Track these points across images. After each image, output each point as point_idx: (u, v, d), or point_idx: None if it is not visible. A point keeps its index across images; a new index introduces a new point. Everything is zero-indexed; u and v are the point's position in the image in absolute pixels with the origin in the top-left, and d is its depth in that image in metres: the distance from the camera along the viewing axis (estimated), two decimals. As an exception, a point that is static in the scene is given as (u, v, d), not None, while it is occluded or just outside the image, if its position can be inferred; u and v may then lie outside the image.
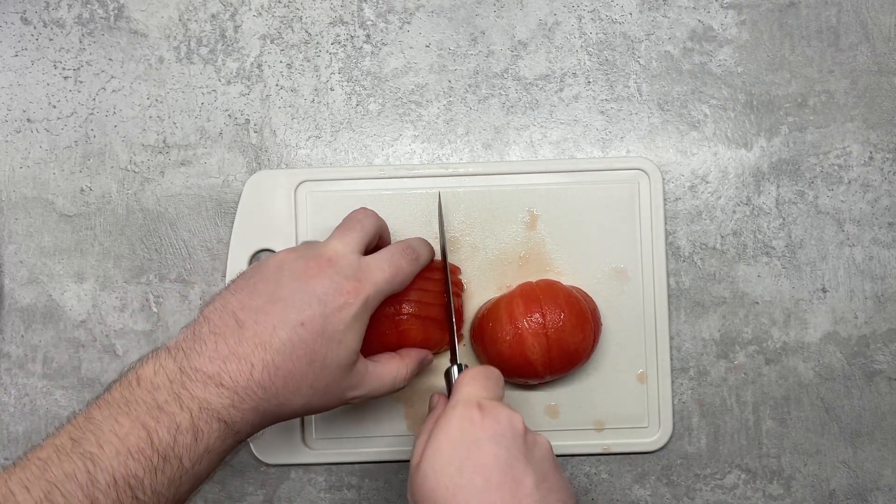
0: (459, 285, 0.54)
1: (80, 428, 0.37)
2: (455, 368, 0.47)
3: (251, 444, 0.55)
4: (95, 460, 0.36)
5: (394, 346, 0.50)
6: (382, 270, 0.44)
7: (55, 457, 0.36)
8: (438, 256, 0.53)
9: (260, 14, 0.58)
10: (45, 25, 0.58)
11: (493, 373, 0.45)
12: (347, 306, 0.42)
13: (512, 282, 0.55)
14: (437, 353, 0.54)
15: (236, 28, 0.58)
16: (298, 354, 0.41)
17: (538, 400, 0.55)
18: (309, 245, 0.46)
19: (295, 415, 0.43)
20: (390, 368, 0.47)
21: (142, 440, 0.37)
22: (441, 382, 0.53)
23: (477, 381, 0.44)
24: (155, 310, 0.57)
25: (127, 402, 0.38)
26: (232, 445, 0.41)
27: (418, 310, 0.50)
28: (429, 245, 0.50)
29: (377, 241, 0.49)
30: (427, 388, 0.55)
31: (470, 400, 0.42)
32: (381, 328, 0.49)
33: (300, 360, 0.41)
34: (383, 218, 0.49)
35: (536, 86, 0.58)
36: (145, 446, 0.37)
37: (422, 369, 0.50)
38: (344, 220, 0.47)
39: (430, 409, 0.47)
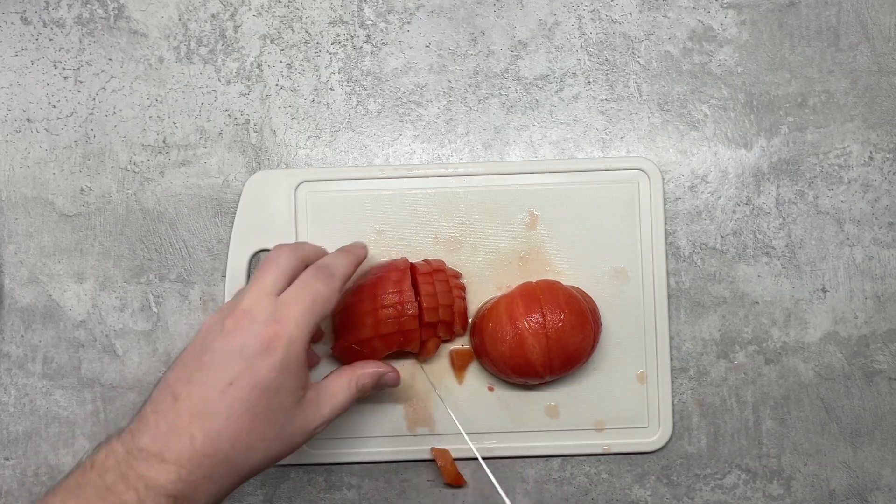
0: (461, 288, 0.54)
1: None
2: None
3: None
4: None
5: (399, 346, 0.51)
6: (298, 302, 0.43)
7: None
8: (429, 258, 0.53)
9: (260, 14, 0.58)
10: (45, 25, 0.57)
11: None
12: (271, 352, 0.41)
13: (512, 282, 0.55)
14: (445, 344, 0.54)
15: (236, 28, 0.58)
16: (237, 415, 0.40)
17: (538, 400, 0.55)
18: (232, 300, 0.45)
19: (259, 469, 0.42)
20: (340, 386, 0.46)
21: None
22: (438, 376, 0.54)
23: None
24: (155, 310, 0.57)
25: (79, 486, 0.39)
26: None
27: (419, 311, 0.50)
28: (348, 254, 0.48)
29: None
30: (427, 389, 0.55)
31: None
32: (385, 329, 0.50)
33: (241, 420, 0.40)
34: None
35: (536, 86, 0.58)
36: None
37: (383, 387, 0.49)
38: (260, 263, 0.46)
39: None
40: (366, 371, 0.48)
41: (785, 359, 0.57)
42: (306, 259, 0.47)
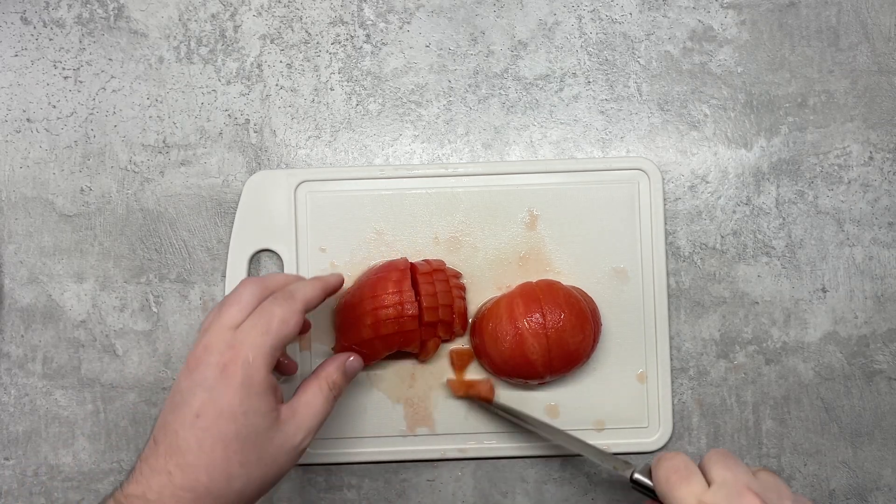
0: (461, 288, 0.54)
1: None
2: (640, 476, 0.44)
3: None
4: None
5: (399, 347, 0.51)
6: (254, 327, 0.43)
7: None
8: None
9: (260, 14, 0.58)
10: (45, 25, 0.57)
11: (730, 455, 0.42)
12: (229, 378, 0.41)
13: (512, 282, 0.55)
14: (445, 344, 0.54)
15: (236, 28, 0.58)
16: (208, 445, 0.40)
17: (538, 400, 0.55)
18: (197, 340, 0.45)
19: (251, 497, 0.42)
20: (313, 392, 0.45)
21: None
22: (439, 375, 0.54)
23: (729, 464, 0.40)
24: (155, 310, 0.57)
25: None
26: None
27: (419, 311, 0.50)
28: (319, 281, 0.48)
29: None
30: (427, 387, 0.55)
31: (740, 489, 0.39)
32: (385, 329, 0.50)
33: (213, 449, 0.40)
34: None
35: (536, 86, 0.58)
36: None
37: (353, 375, 0.49)
38: (224, 298, 0.46)
39: None
40: (330, 369, 0.47)
41: (785, 359, 0.57)
42: (272, 290, 0.46)
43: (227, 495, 0.41)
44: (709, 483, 0.40)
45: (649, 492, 0.43)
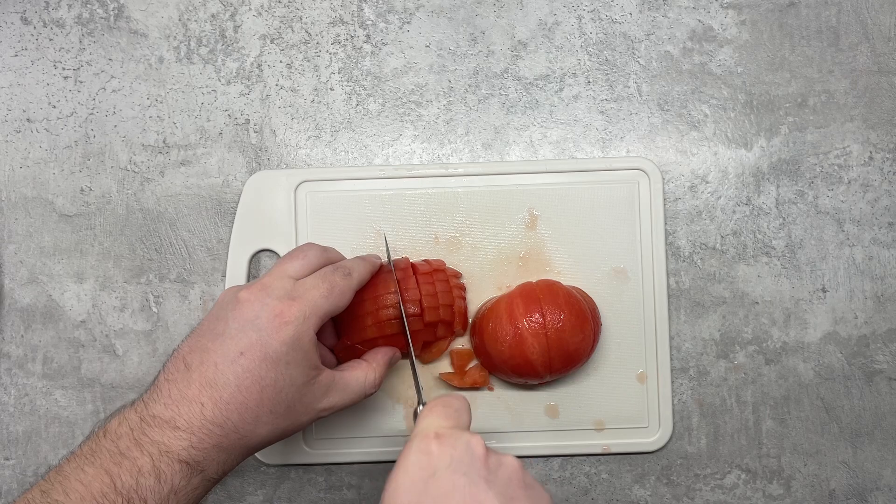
0: (461, 288, 0.54)
1: (50, 480, 0.39)
2: (420, 408, 0.45)
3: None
4: None
5: (402, 347, 0.51)
6: (317, 287, 0.44)
7: None
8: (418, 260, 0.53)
9: (260, 14, 0.58)
10: (45, 25, 0.58)
11: (455, 402, 0.43)
12: (284, 326, 0.42)
13: (512, 282, 0.55)
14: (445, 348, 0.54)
15: (236, 28, 0.58)
16: (246, 385, 0.41)
17: (538, 400, 0.55)
18: (252, 281, 0.46)
19: (267, 442, 0.43)
20: (357, 375, 0.47)
21: (105, 485, 0.38)
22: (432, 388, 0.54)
23: (434, 412, 0.42)
24: (155, 310, 0.57)
25: (93, 453, 0.40)
26: (202, 484, 0.41)
27: (421, 311, 0.50)
28: (366, 262, 0.49)
29: None
30: (426, 389, 0.55)
31: (427, 431, 0.40)
32: (389, 330, 0.49)
33: (250, 391, 0.41)
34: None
35: (536, 86, 0.58)
36: (109, 491, 0.38)
37: (391, 367, 0.50)
38: (288, 252, 0.48)
39: None
40: (380, 362, 0.48)
41: (785, 359, 0.57)
42: (331, 261, 0.48)
43: (250, 437, 0.42)
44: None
45: None
